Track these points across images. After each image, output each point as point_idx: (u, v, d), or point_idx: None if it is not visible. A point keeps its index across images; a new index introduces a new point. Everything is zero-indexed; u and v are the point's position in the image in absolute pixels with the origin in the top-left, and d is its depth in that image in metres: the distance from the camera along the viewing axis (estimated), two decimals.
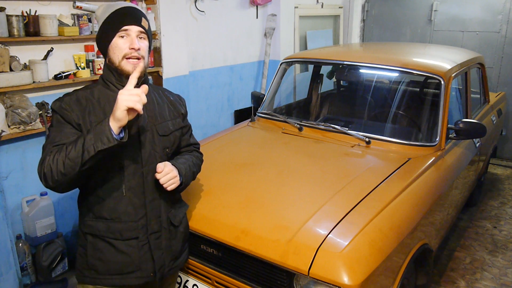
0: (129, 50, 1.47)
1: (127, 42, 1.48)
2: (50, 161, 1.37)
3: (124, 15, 1.48)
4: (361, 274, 1.57)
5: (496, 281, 2.88)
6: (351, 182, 2.08)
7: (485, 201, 4.08)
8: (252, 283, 1.78)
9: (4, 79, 2.43)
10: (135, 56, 1.48)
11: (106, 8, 1.52)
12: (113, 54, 1.49)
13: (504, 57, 5.00)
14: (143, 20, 1.52)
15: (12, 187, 2.64)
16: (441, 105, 2.57)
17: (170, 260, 1.67)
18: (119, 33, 1.47)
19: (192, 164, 1.74)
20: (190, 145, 1.82)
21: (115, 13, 1.49)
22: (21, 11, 2.55)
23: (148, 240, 1.57)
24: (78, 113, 1.47)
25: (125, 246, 1.55)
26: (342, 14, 5.93)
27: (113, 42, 1.48)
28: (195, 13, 3.87)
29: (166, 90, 1.78)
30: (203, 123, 4.17)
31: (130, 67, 1.48)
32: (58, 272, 2.76)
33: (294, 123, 2.81)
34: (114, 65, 1.50)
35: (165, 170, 1.53)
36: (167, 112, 1.67)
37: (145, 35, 1.53)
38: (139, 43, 1.49)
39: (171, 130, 1.65)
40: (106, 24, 1.49)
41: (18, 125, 2.51)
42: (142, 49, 1.50)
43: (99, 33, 1.52)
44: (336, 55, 3.25)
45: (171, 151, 1.68)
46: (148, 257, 1.58)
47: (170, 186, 1.55)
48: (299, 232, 1.72)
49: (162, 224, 1.61)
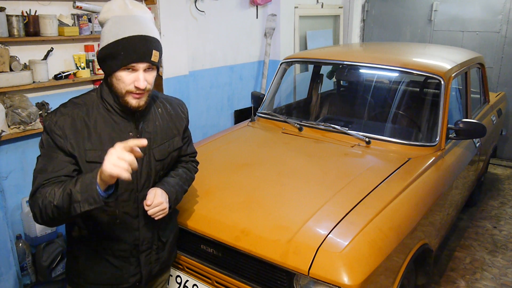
0: (134, 88, 1.37)
1: (133, 78, 1.36)
2: (39, 202, 1.29)
3: (133, 49, 1.33)
4: (361, 274, 1.57)
5: (496, 281, 2.88)
6: (351, 182, 2.08)
7: (485, 201, 4.08)
8: (252, 283, 1.78)
9: (4, 79, 2.43)
10: (141, 93, 1.39)
11: (114, 27, 1.34)
12: (117, 84, 1.38)
13: (504, 57, 5.00)
14: (154, 53, 1.37)
15: (12, 187, 2.64)
16: (441, 105, 2.57)
17: (158, 269, 1.69)
18: (125, 67, 1.35)
19: (185, 181, 1.70)
20: (187, 155, 1.77)
21: (125, 43, 1.32)
22: (21, 11, 2.55)
23: (139, 258, 1.59)
24: (72, 141, 1.37)
25: (117, 261, 1.55)
26: (342, 14, 5.93)
27: (117, 74, 1.36)
28: (195, 13, 3.87)
29: (168, 101, 1.66)
30: (203, 123, 4.17)
31: (134, 102, 1.40)
32: (58, 272, 2.76)
33: (294, 123, 2.81)
34: (116, 94, 1.40)
35: (154, 203, 1.48)
36: (166, 132, 1.59)
37: (154, 67, 1.41)
38: (146, 78, 1.37)
39: (168, 152, 1.60)
40: (111, 50, 1.33)
41: (18, 125, 2.51)
42: (150, 82, 1.40)
43: (102, 54, 1.37)
44: (336, 55, 3.25)
45: (165, 172, 1.64)
46: (137, 271, 1.60)
47: (157, 217, 1.52)
48: (299, 232, 1.72)
49: (153, 242, 1.62)
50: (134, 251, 1.57)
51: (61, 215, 1.29)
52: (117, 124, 1.45)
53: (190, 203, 2.00)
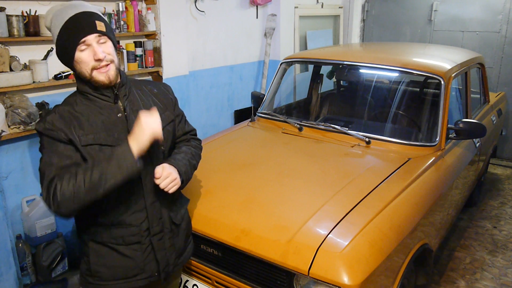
0: (96, 62, 1.40)
1: (91, 54, 1.40)
2: (64, 189, 1.32)
3: (76, 26, 1.38)
4: (361, 274, 1.57)
5: (496, 281, 2.88)
6: (351, 182, 2.08)
7: (485, 201, 4.08)
8: (252, 283, 1.78)
9: (4, 79, 2.43)
10: (104, 65, 1.42)
11: (55, 19, 1.42)
12: (81, 68, 1.42)
13: (504, 57, 5.00)
14: (98, 23, 1.41)
15: (12, 187, 2.64)
16: (441, 105, 2.57)
17: (175, 258, 1.65)
18: (78, 46, 1.39)
19: (191, 156, 1.69)
20: (187, 133, 1.77)
21: (67, 26, 1.38)
22: (21, 11, 2.55)
23: (151, 242, 1.56)
24: (65, 130, 1.41)
25: (128, 250, 1.53)
26: (342, 14, 5.94)
27: (76, 57, 1.40)
28: (195, 13, 3.87)
29: (149, 82, 1.71)
30: (203, 123, 4.17)
31: (103, 76, 1.43)
32: (58, 272, 2.76)
33: (294, 123, 2.81)
34: (86, 78, 1.44)
35: (164, 175, 1.48)
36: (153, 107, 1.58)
37: (105, 37, 1.44)
38: (103, 49, 1.41)
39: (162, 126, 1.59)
40: (61, 40, 1.40)
41: (18, 125, 2.51)
42: (108, 52, 1.43)
43: (57, 49, 1.43)
44: (336, 55, 3.25)
45: (166, 148, 1.63)
46: (152, 258, 1.57)
47: (171, 189, 1.52)
48: (299, 232, 1.72)
49: (164, 225, 1.59)
50: (145, 234, 1.53)
51: (93, 196, 1.34)
52: (103, 109, 1.48)
53: (190, 203, 1.99)
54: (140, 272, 1.56)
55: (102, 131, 1.45)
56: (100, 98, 1.48)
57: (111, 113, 1.49)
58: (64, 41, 1.40)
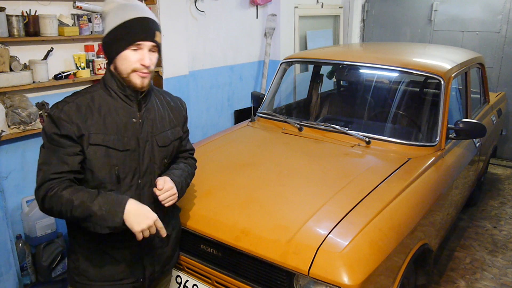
0: (140, 66, 1.45)
1: (138, 56, 1.44)
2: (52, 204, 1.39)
3: (139, 28, 1.43)
4: (361, 274, 1.57)
5: (496, 281, 2.88)
6: (351, 182, 2.08)
7: (485, 201, 4.08)
8: (252, 283, 1.78)
9: (4, 79, 2.43)
10: (146, 72, 1.47)
11: (119, 11, 1.44)
12: (122, 65, 1.45)
13: (504, 57, 5.00)
14: (157, 33, 1.48)
15: (12, 187, 2.64)
16: (441, 105, 2.57)
17: (161, 266, 1.69)
18: (131, 46, 1.43)
19: (187, 175, 1.72)
20: (186, 151, 1.80)
21: (129, 24, 1.42)
22: (21, 11, 2.55)
23: (141, 249, 1.58)
24: (80, 124, 1.42)
25: (118, 254, 1.55)
26: (342, 14, 5.94)
27: (123, 53, 1.43)
28: (195, 13, 3.87)
29: (167, 94, 1.74)
30: (203, 123, 4.17)
31: (139, 80, 1.46)
32: (58, 272, 2.76)
33: (294, 123, 2.81)
34: (121, 75, 1.47)
35: (165, 188, 1.51)
36: (167, 120, 1.64)
37: (156, 48, 1.50)
38: (150, 58, 1.46)
39: (170, 140, 1.63)
40: (117, 32, 1.43)
41: (18, 125, 2.51)
42: (153, 63, 1.49)
43: (108, 38, 1.45)
44: (336, 55, 3.25)
45: (169, 161, 1.66)
46: (140, 265, 1.60)
47: (168, 203, 1.54)
48: (299, 232, 1.72)
49: (155, 234, 1.59)
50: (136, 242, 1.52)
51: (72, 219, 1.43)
52: (120, 110, 1.50)
53: (190, 203, 2.00)
54: (127, 277, 1.58)
55: (113, 134, 1.47)
56: (122, 99, 1.50)
57: (127, 116, 1.50)
58: (119, 33, 1.42)
